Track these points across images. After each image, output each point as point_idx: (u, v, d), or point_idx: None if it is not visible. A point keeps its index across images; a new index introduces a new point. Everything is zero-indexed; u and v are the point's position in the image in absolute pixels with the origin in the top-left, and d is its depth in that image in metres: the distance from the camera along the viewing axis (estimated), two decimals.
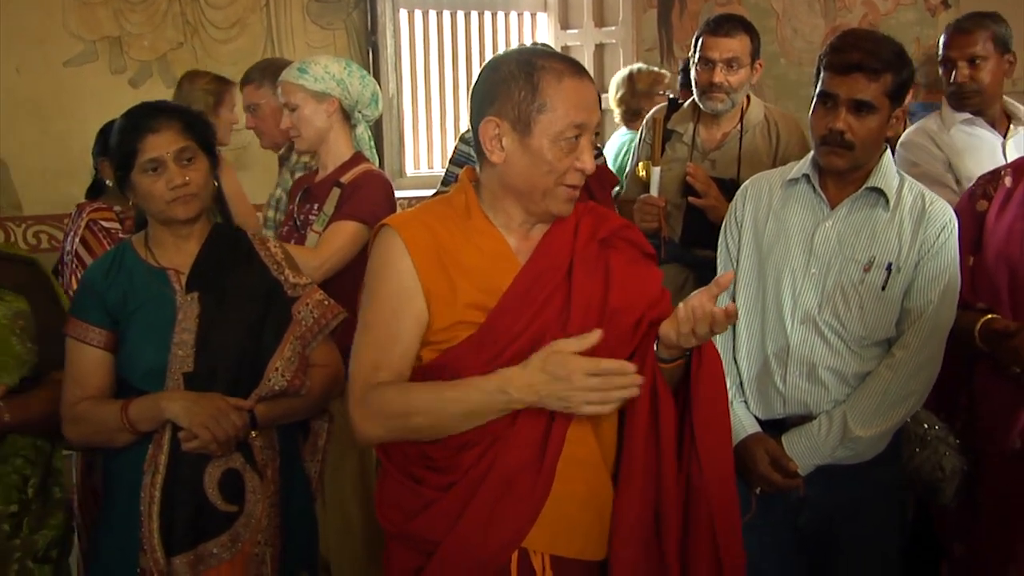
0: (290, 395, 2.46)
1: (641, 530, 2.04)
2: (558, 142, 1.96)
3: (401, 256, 2.00)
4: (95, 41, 4.86)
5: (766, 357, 2.64)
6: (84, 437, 2.46)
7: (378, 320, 2.03)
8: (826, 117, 2.54)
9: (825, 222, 2.61)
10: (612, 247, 2.11)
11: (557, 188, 1.99)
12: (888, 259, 2.55)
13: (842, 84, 2.49)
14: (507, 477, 1.96)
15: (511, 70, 1.99)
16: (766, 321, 2.64)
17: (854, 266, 2.57)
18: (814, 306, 2.58)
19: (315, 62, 3.27)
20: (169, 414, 2.33)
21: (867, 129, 2.51)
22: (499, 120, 1.98)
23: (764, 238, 2.66)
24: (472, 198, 2.08)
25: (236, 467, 2.41)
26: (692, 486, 2.07)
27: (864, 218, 2.59)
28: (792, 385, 2.61)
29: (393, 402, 1.99)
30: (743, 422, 2.63)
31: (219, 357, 2.41)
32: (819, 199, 2.63)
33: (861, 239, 2.58)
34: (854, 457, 2.58)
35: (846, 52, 2.52)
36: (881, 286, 2.55)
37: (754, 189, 2.74)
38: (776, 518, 2.63)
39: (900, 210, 2.57)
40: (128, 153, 2.41)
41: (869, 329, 2.57)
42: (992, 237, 2.72)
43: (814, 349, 2.59)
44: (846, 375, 2.59)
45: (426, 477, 2.02)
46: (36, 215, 4.81)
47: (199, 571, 2.36)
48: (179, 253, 2.48)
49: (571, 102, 1.96)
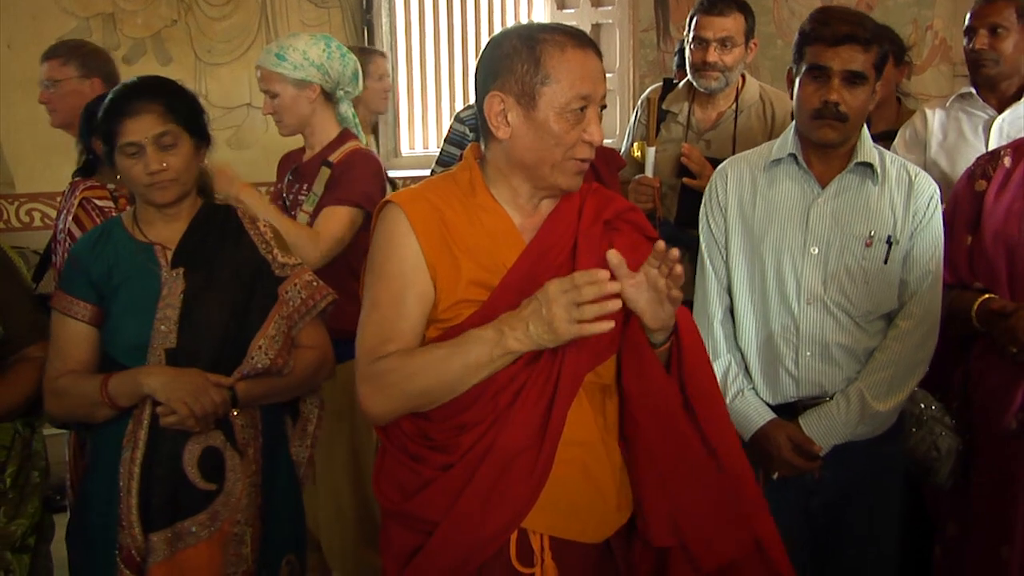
0: (273, 374, 2.45)
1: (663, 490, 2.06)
2: (564, 114, 1.95)
3: (406, 233, 1.98)
4: (88, 18, 4.86)
5: (773, 341, 2.65)
6: (65, 411, 2.45)
7: (384, 298, 2.01)
8: (819, 90, 2.54)
9: (818, 200, 2.61)
10: (616, 229, 2.10)
11: (566, 162, 1.98)
12: (887, 232, 2.58)
13: (835, 56, 2.50)
14: (506, 458, 1.95)
15: (513, 44, 1.98)
16: (768, 305, 2.65)
17: (855, 242, 2.58)
18: (819, 285, 2.59)
19: (292, 47, 3.19)
20: (147, 389, 2.32)
21: (859, 100, 2.54)
22: (503, 95, 1.97)
23: (755, 221, 2.66)
24: (477, 175, 2.06)
25: (216, 445, 2.41)
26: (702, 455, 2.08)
27: (856, 193, 2.61)
28: (805, 366, 2.62)
29: (395, 370, 1.96)
30: (757, 410, 2.64)
31: (202, 334, 2.41)
32: (808, 177, 2.64)
33: (857, 215, 2.59)
34: (870, 432, 2.61)
35: (835, 24, 2.53)
36: (883, 260, 2.58)
37: (734, 171, 2.73)
38: (787, 504, 2.63)
39: (888, 183, 2.61)
40: (109, 134, 2.40)
41: (876, 303, 2.60)
42: (991, 217, 2.72)
43: (825, 328, 2.60)
44: (857, 351, 2.62)
45: (425, 456, 2.01)
46: (29, 192, 4.82)
47: (177, 549, 2.36)
48: (166, 229, 2.47)
49: (575, 73, 1.95)
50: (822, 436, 2.60)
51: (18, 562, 2.57)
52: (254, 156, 5.11)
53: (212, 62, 5.09)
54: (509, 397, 1.96)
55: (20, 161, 4.77)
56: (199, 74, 5.06)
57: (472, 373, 1.93)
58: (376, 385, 1.98)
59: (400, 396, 1.97)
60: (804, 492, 2.66)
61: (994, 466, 2.72)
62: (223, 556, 2.41)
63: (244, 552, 2.44)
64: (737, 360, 2.68)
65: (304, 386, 2.60)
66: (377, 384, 1.98)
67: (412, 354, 1.97)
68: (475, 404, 1.97)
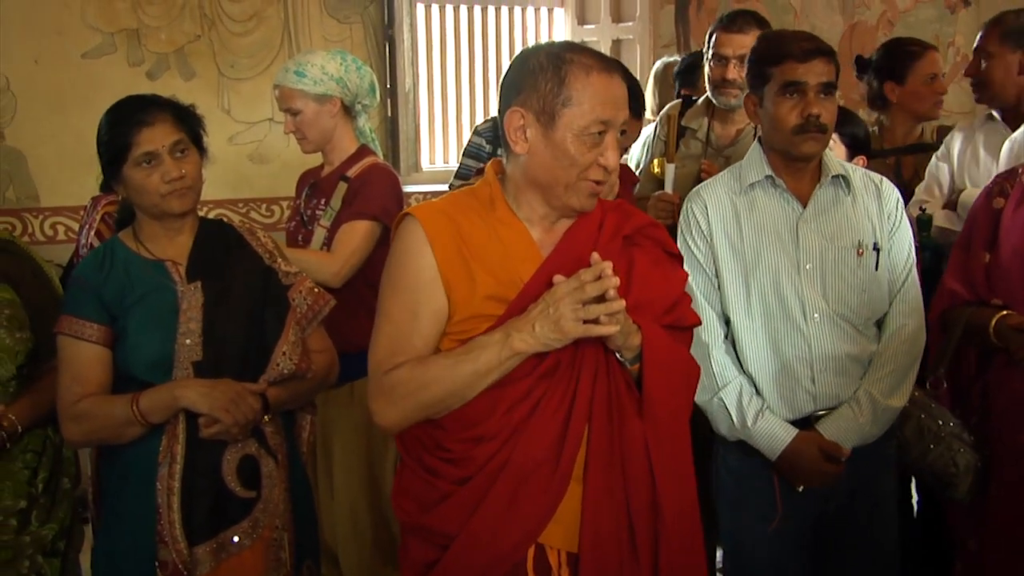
0: (297, 378, 2.48)
1: (614, 529, 2.01)
2: (582, 137, 1.95)
3: (422, 247, 1.99)
4: (113, 33, 4.87)
5: (783, 362, 2.65)
6: (87, 435, 2.44)
7: (397, 311, 2.03)
8: (797, 106, 2.58)
9: (802, 218, 2.65)
10: (636, 245, 2.10)
11: (579, 183, 1.99)
12: (871, 240, 2.65)
13: (808, 71, 2.56)
14: (524, 472, 1.96)
15: (540, 62, 1.99)
16: (772, 327, 2.65)
17: (847, 253, 2.64)
18: (822, 301, 2.62)
19: (311, 63, 3.21)
20: (186, 402, 2.33)
21: (832, 111, 2.62)
22: (524, 111, 1.97)
23: (743, 246, 2.66)
24: (497, 190, 2.07)
25: (252, 452, 2.43)
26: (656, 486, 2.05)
27: (835, 206, 2.67)
28: (823, 382, 2.65)
29: (407, 382, 1.98)
30: (783, 427, 2.64)
31: (225, 344, 2.42)
32: (788, 196, 2.67)
33: (842, 227, 2.65)
34: (880, 432, 2.66)
35: (799, 42, 2.62)
36: (875, 267, 2.65)
37: (711, 198, 2.73)
38: (802, 511, 2.68)
39: (859, 192, 2.70)
40: (121, 147, 2.39)
41: (873, 309, 2.68)
42: (1008, 234, 2.73)
43: (835, 342, 2.63)
44: (862, 358, 2.67)
45: (443, 470, 2.02)
46: (53, 206, 4.83)
47: (221, 559, 2.37)
48: (172, 245, 2.48)
49: (598, 98, 1.95)
50: (841, 440, 2.62)
51: (49, 566, 2.59)
52: (275, 171, 5.15)
53: (235, 77, 5.10)
54: (525, 411, 1.97)
55: (44, 175, 4.79)
56: (222, 89, 5.08)
57: (481, 377, 1.94)
58: (388, 398, 2.00)
59: (412, 407, 1.99)
60: (822, 498, 2.68)
61: (1013, 481, 2.71)
62: (265, 562, 2.43)
63: (283, 557, 2.46)
64: (747, 382, 2.68)
65: (319, 389, 2.65)
66: (389, 397, 2.00)
67: (422, 365, 1.98)
68: (490, 417, 1.97)
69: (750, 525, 2.74)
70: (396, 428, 2.06)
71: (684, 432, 2.12)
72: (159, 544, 2.34)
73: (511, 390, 1.97)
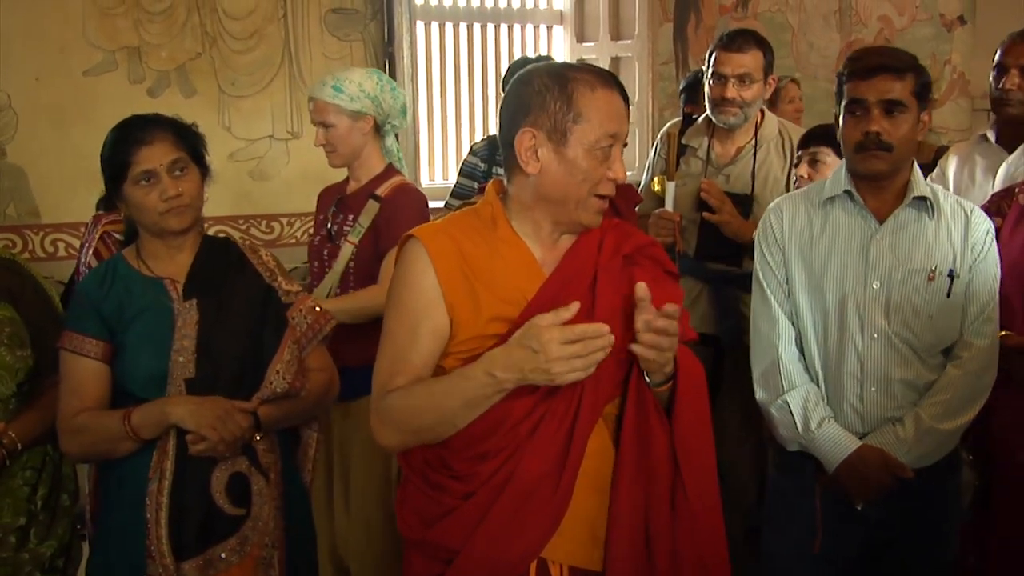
0: (291, 397, 2.49)
1: (633, 547, 2.03)
2: (593, 151, 1.99)
3: (425, 268, 2.02)
4: (114, 51, 4.89)
5: (839, 376, 2.65)
6: (84, 448, 2.46)
7: (398, 330, 2.05)
8: (859, 124, 2.56)
9: (876, 235, 2.63)
10: (636, 264, 2.12)
11: (590, 198, 2.01)
12: (948, 266, 2.59)
13: (870, 88, 2.53)
14: (527, 488, 1.97)
15: (544, 82, 2.01)
16: (831, 340, 2.65)
17: (916, 276, 2.59)
18: (883, 319, 2.60)
19: (348, 80, 3.26)
20: (175, 418, 2.34)
21: (901, 129, 2.55)
22: (535, 131, 1.99)
23: (814, 257, 2.67)
24: (499, 209, 2.09)
25: (242, 470, 2.44)
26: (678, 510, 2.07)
27: (914, 228, 2.62)
28: (870, 401, 2.63)
29: (399, 407, 2.01)
30: (844, 437, 2.62)
31: (220, 362, 2.43)
32: (864, 212, 2.65)
33: (916, 249, 2.61)
34: (930, 455, 2.60)
35: (867, 58, 2.58)
36: (946, 293, 2.59)
37: (788, 210, 2.75)
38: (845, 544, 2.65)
39: (944, 218, 2.62)
40: (121, 165, 2.42)
41: (939, 336, 2.62)
42: (1006, 253, 2.74)
43: (889, 363, 2.61)
44: (919, 385, 2.63)
45: (446, 485, 2.03)
46: (54, 223, 4.84)
47: (208, 575, 2.37)
48: (172, 263, 2.50)
49: (604, 112, 1.99)
50: None
51: None
52: (275, 187, 5.17)
53: (235, 94, 5.12)
54: (529, 428, 1.98)
55: (46, 191, 4.79)
56: (222, 106, 5.09)
57: (472, 410, 1.96)
58: (384, 420, 2.05)
59: (407, 431, 2.03)
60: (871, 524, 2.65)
61: (1012, 499, 2.74)
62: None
63: (272, 575, 2.46)
64: (814, 389, 2.68)
65: (316, 408, 2.65)
66: (385, 419, 2.04)
67: (410, 393, 2.01)
68: (494, 434, 1.98)
69: (789, 547, 2.73)
70: (396, 450, 2.10)
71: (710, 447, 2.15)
72: (148, 559, 2.35)
73: (516, 407, 1.98)
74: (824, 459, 2.62)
